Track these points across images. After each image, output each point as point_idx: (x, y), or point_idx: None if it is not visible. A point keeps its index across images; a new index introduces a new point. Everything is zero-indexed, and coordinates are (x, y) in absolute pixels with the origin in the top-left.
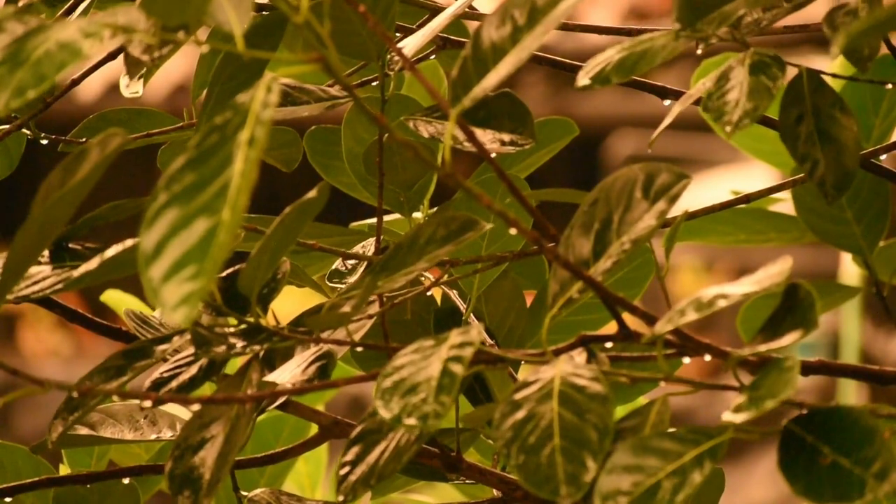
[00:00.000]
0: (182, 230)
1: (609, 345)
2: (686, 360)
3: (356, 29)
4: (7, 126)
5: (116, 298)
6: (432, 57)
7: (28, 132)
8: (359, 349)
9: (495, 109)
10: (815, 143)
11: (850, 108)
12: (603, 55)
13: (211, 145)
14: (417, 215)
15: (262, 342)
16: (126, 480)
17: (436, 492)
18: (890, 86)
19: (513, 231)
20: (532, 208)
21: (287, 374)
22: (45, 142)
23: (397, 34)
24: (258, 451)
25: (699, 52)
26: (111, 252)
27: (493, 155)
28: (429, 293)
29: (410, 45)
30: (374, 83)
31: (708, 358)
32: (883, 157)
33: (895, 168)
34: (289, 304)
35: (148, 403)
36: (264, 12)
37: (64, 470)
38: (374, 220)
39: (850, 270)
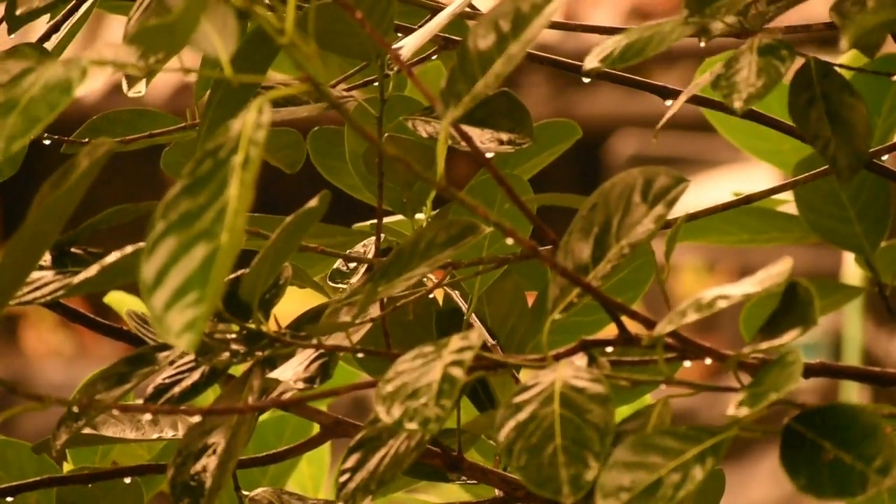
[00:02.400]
0: (182, 257)
1: (609, 349)
2: (687, 363)
3: (355, 30)
4: None
5: (119, 299)
6: (434, 58)
7: None
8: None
9: (493, 109)
10: (826, 124)
11: (860, 93)
12: (612, 39)
13: (205, 172)
14: (420, 216)
15: (264, 348)
16: (128, 480)
17: (440, 491)
18: None
19: (509, 241)
20: (531, 214)
21: (289, 372)
22: (47, 142)
23: (398, 34)
24: (260, 450)
25: (702, 44)
26: (111, 259)
27: (493, 155)
28: (430, 295)
29: (409, 45)
30: (376, 83)
31: (709, 361)
32: (885, 157)
33: None
34: (290, 304)
35: (148, 416)
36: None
37: (68, 466)
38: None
39: (852, 271)
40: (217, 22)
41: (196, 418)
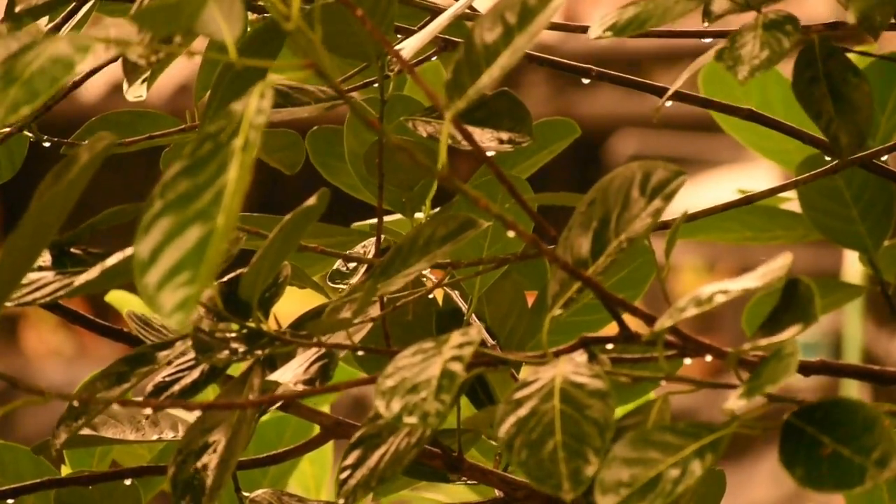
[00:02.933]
0: (177, 237)
1: (610, 346)
2: (687, 361)
3: (355, 30)
4: (9, 128)
5: (120, 298)
6: (434, 58)
7: (30, 134)
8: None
9: (494, 108)
10: (828, 101)
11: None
12: (616, 10)
13: (205, 153)
14: (419, 216)
15: (264, 347)
16: (128, 481)
17: (447, 490)
18: None
19: (511, 234)
20: (531, 211)
21: (289, 374)
22: (47, 144)
23: (398, 35)
24: (261, 451)
25: (706, 25)
26: (112, 261)
27: (493, 154)
28: (430, 295)
29: (409, 46)
30: (376, 84)
31: (709, 358)
32: (884, 157)
33: None
34: (289, 304)
35: (149, 411)
36: (266, 14)
37: (66, 470)
38: (376, 220)
39: (853, 270)
40: (224, 5)
41: (196, 415)
